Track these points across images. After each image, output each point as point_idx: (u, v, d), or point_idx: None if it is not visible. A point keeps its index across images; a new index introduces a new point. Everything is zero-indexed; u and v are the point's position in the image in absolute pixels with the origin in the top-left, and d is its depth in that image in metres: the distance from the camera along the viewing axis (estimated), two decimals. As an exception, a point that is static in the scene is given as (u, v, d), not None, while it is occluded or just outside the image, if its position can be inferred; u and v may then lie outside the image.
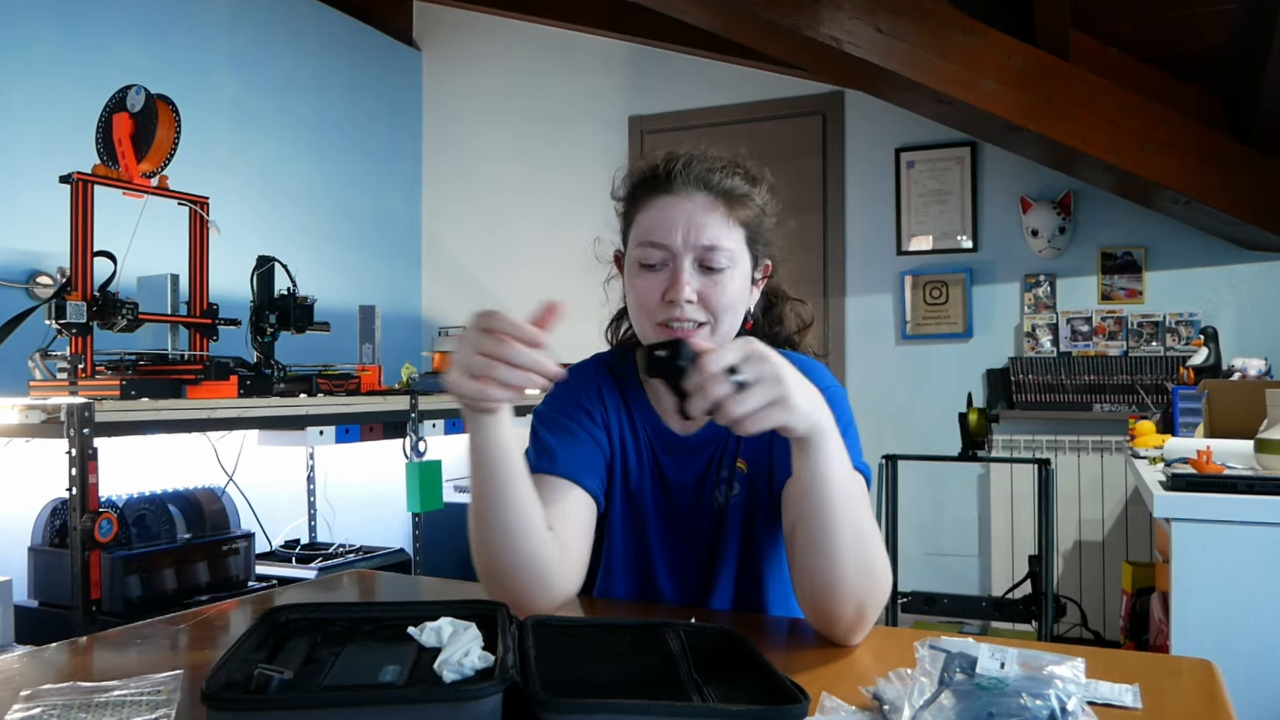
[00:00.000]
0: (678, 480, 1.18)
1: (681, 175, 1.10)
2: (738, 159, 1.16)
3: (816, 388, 1.11)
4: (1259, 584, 1.73)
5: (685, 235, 1.08)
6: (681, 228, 1.08)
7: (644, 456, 1.19)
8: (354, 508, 3.36)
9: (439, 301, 4.68)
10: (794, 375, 0.87)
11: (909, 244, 3.94)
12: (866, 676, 0.77)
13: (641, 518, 1.19)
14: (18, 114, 2.95)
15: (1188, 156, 3.19)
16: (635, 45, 4.31)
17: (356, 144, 4.33)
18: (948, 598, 3.09)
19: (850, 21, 2.81)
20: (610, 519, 1.19)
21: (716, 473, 1.17)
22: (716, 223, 1.09)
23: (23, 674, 0.87)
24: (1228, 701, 0.77)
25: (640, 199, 1.14)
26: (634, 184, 1.16)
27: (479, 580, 1.01)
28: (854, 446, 1.06)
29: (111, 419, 2.09)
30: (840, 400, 1.11)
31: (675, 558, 1.18)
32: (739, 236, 1.11)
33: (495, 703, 0.65)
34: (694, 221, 1.08)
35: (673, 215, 1.09)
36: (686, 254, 1.08)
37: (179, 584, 2.32)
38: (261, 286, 2.65)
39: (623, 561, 1.19)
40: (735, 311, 1.11)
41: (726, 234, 1.09)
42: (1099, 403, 3.61)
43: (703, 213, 1.09)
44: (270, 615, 0.82)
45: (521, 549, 0.97)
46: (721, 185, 1.11)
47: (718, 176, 1.11)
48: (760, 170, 1.18)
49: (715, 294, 1.08)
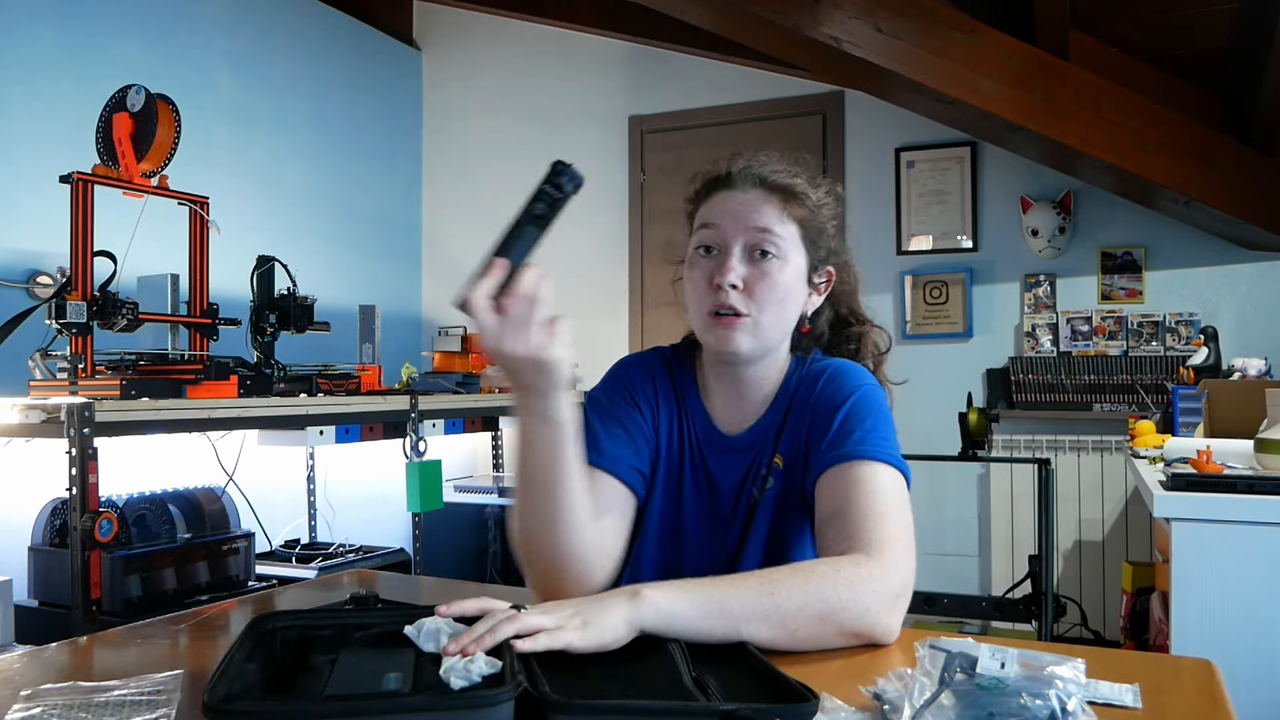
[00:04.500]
0: (723, 479, 1.19)
1: (741, 172, 1.14)
2: (802, 163, 1.19)
3: (853, 385, 1.12)
4: (1259, 584, 1.73)
5: (736, 218, 1.11)
6: (733, 213, 1.12)
7: (693, 455, 1.20)
8: (354, 508, 3.36)
9: (439, 301, 4.68)
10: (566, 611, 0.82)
11: (909, 244, 3.94)
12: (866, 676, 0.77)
13: (680, 515, 1.19)
14: (18, 114, 2.95)
15: (1188, 156, 3.19)
16: (635, 45, 4.31)
17: (356, 144, 4.33)
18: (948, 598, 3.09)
19: (850, 21, 2.81)
20: (648, 514, 1.19)
21: (757, 471, 1.17)
22: (770, 213, 1.12)
23: (23, 674, 0.87)
24: (1228, 701, 0.76)
25: (703, 197, 1.17)
26: (699, 186, 1.19)
27: (523, 568, 1.02)
28: (883, 441, 1.06)
29: (111, 419, 2.09)
30: (871, 399, 1.12)
31: (705, 551, 1.18)
32: (793, 231, 1.13)
33: (508, 709, 0.64)
34: (747, 208, 1.12)
35: (728, 205, 1.13)
36: (737, 239, 1.11)
37: (179, 584, 2.32)
38: (261, 286, 2.65)
39: (654, 555, 1.19)
40: (782, 308, 1.12)
41: (779, 224, 1.12)
42: (1099, 402, 3.61)
43: (757, 203, 1.12)
44: (257, 624, 0.80)
45: (573, 543, 0.98)
46: (778, 182, 1.14)
47: (775, 174, 1.14)
48: (824, 178, 1.20)
49: (761, 283, 1.10)
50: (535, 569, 1.01)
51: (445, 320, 4.38)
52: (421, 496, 2.90)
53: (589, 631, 0.79)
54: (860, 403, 1.11)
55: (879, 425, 1.08)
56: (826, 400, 1.13)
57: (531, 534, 0.99)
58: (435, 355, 3.54)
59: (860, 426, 1.07)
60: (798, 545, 1.15)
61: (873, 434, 1.07)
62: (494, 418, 3.47)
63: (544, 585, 1.00)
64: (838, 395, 1.12)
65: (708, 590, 0.87)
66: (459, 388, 3.31)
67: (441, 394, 3.18)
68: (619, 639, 0.81)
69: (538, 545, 0.99)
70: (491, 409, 3.40)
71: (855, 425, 1.08)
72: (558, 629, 0.78)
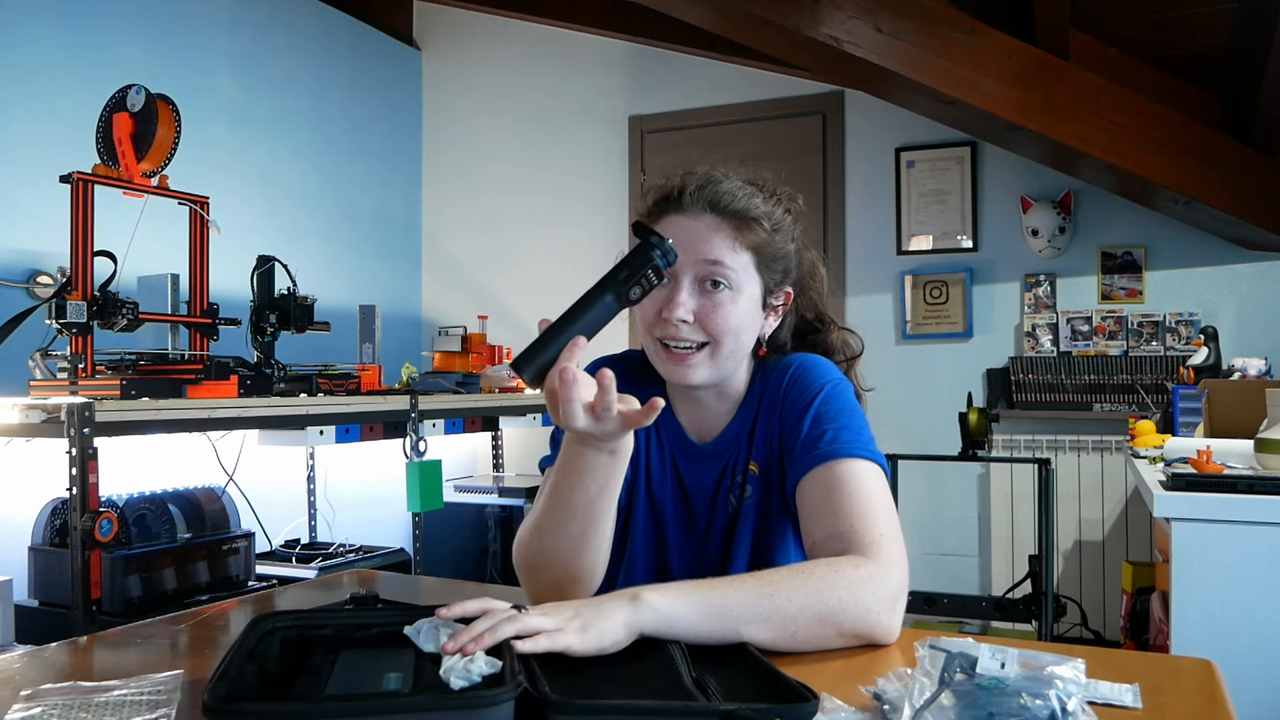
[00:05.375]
0: (695, 487, 1.19)
1: (692, 196, 1.10)
2: (759, 181, 1.15)
3: (818, 384, 1.11)
4: (1259, 584, 1.73)
5: (686, 250, 1.06)
6: (684, 244, 1.06)
7: (666, 463, 1.20)
8: (354, 508, 3.36)
9: (439, 301, 4.68)
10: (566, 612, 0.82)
11: (909, 244, 3.94)
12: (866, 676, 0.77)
13: (662, 523, 1.19)
14: (18, 114, 2.95)
15: (1188, 156, 3.19)
16: (635, 45, 4.31)
17: (356, 144, 4.33)
18: (948, 598, 3.09)
19: (850, 21, 2.81)
20: (633, 524, 1.19)
21: (731, 478, 1.17)
22: (721, 244, 1.08)
23: (23, 674, 0.87)
24: (1228, 701, 0.76)
25: (654, 217, 1.14)
26: (651, 202, 1.16)
27: (520, 573, 1.05)
28: (856, 437, 1.06)
29: (111, 419, 2.09)
30: (838, 395, 1.11)
31: (692, 561, 1.19)
32: (746, 260, 1.10)
33: (508, 709, 0.64)
34: (697, 240, 1.08)
35: (677, 233, 1.07)
36: (686, 272, 1.08)
37: (179, 584, 2.32)
38: (262, 286, 2.65)
39: (643, 565, 1.19)
40: (739, 336, 1.10)
41: (730, 255, 1.08)
42: (1099, 402, 3.61)
43: (708, 232, 1.09)
44: (256, 624, 0.80)
45: (591, 562, 1.01)
46: (730, 207, 1.10)
47: (728, 199, 1.10)
48: (783, 193, 1.17)
49: (714, 315, 1.08)
50: (541, 581, 1.02)
51: (445, 320, 4.39)
52: (421, 496, 2.90)
53: (588, 635, 0.79)
54: (828, 400, 1.10)
55: (850, 420, 1.08)
56: (794, 403, 1.12)
57: (553, 551, 1.00)
58: (435, 355, 3.54)
59: (832, 424, 1.07)
60: (782, 551, 1.15)
61: (845, 431, 1.06)
62: (494, 418, 3.47)
63: (546, 596, 1.01)
64: (804, 396, 1.12)
65: (707, 592, 0.87)
66: (459, 388, 3.31)
67: (441, 394, 3.18)
68: (618, 642, 0.81)
69: (558, 562, 1.00)
70: (491, 409, 3.40)
71: (827, 424, 1.07)
72: (557, 631, 0.78)
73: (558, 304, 0.87)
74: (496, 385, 3.48)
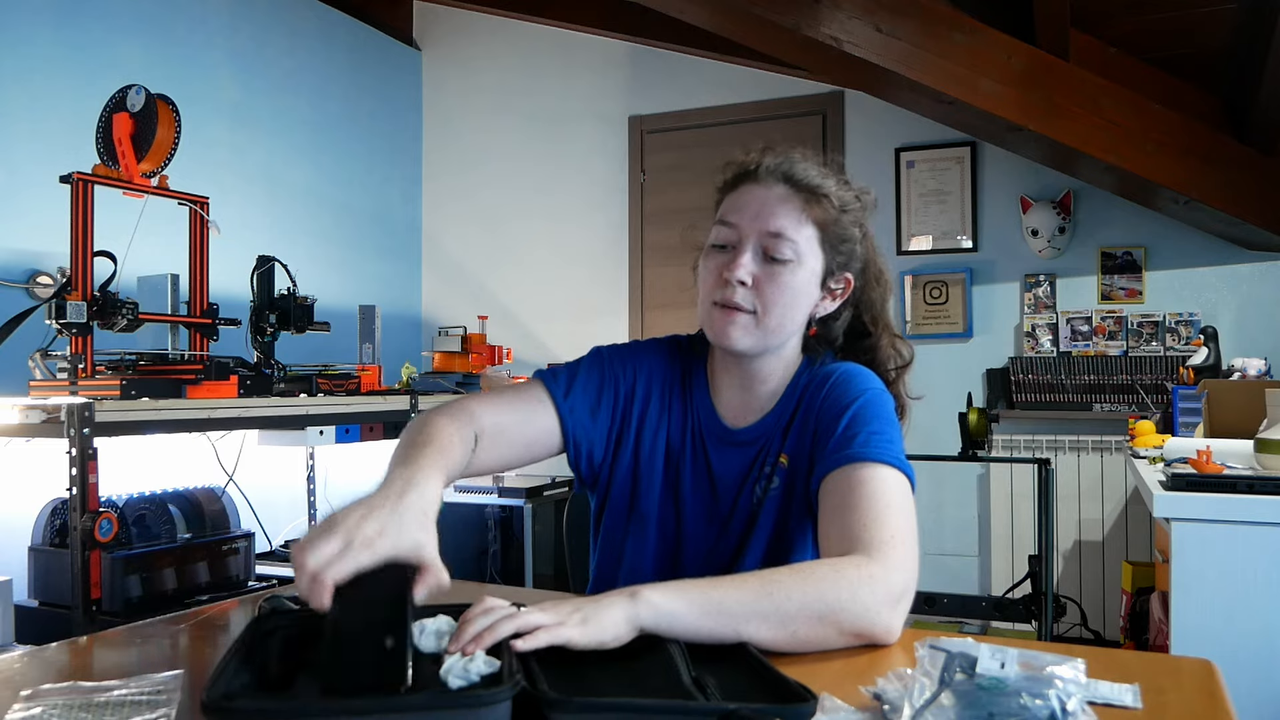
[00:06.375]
0: (723, 473, 1.19)
1: (769, 168, 1.14)
2: (834, 167, 1.18)
3: (859, 388, 1.12)
4: (1259, 584, 1.73)
5: (754, 217, 1.11)
6: (752, 210, 1.11)
7: (695, 448, 1.20)
8: (354, 508, 3.35)
9: (439, 301, 4.68)
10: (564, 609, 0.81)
11: (909, 244, 3.94)
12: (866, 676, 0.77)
13: (680, 512, 1.19)
14: (18, 114, 2.95)
15: (1188, 156, 3.19)
16: (635, 45, 4.31)
17: (356, 144, 4.33)
18: (948, 598, 3.09)
19: (850, 21, 2.81)
20: (645, 511, 1.19)
21: (760, 468, 1.17)
22: (787, 215, 1.11)
23: (23, 674, 0.86)
24: (1228, 701, 0.76)
25: (729, 188, 1.17)
26: (728, 176, 1.19)
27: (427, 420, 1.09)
28: (888, 445, 1.06)
29: (111, 419, 2.09)
30: (877, 403, 1.12)
31: (704, 551, 1.18)
32: (810, 234, 1.13)
33: (506, 708, 0.64)
34: (766, 207, 1.11)
35: (748, 199, 1.13)
36: (751, 236, 1.11)
37: (179, 584, 2.32)
38: (261, 286, 2.64)
39: (652, 554, 1.19)
40: (790, 310, 1.12)
41: (796, 227, 1.11)
42: (1099, 403, 3.61)
43: (777, 201, 1.12)
44: (257, 623, 0.80)
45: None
46: (802, 180, 1.13)
47: (801, 172, 1.13)
48: (856, 184, 1.20)
49: (769, 285, 1.11)
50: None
51: (445, 320, 4.39)
52: (421, 496, 2.90)
53: (589, 628, 0.79)
54: (866, 407, 1.10)
55: (884, 429, 1.08)
56: (832, 404, 1.12)
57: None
58: (435, 355, 3.54)
59: (865, 429, 1.07)
60: (800, 547, 1.15)
61: (877, 436, 1.06)
62: (494, 418, 3.46)
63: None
64: (843, 399, 1.12)
65: (706, 590, 0.87)
66: (459, 388, 3.31)
67: (441, 394, 3.18)
68: (619, 637, 0.81)
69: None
70: (491, 409, 3.39)
71: (860, 428, 1.08)
72: (558, 625, 0.78)
73: (558, 304, 0.87)
74: (497, 385, 3.48)
